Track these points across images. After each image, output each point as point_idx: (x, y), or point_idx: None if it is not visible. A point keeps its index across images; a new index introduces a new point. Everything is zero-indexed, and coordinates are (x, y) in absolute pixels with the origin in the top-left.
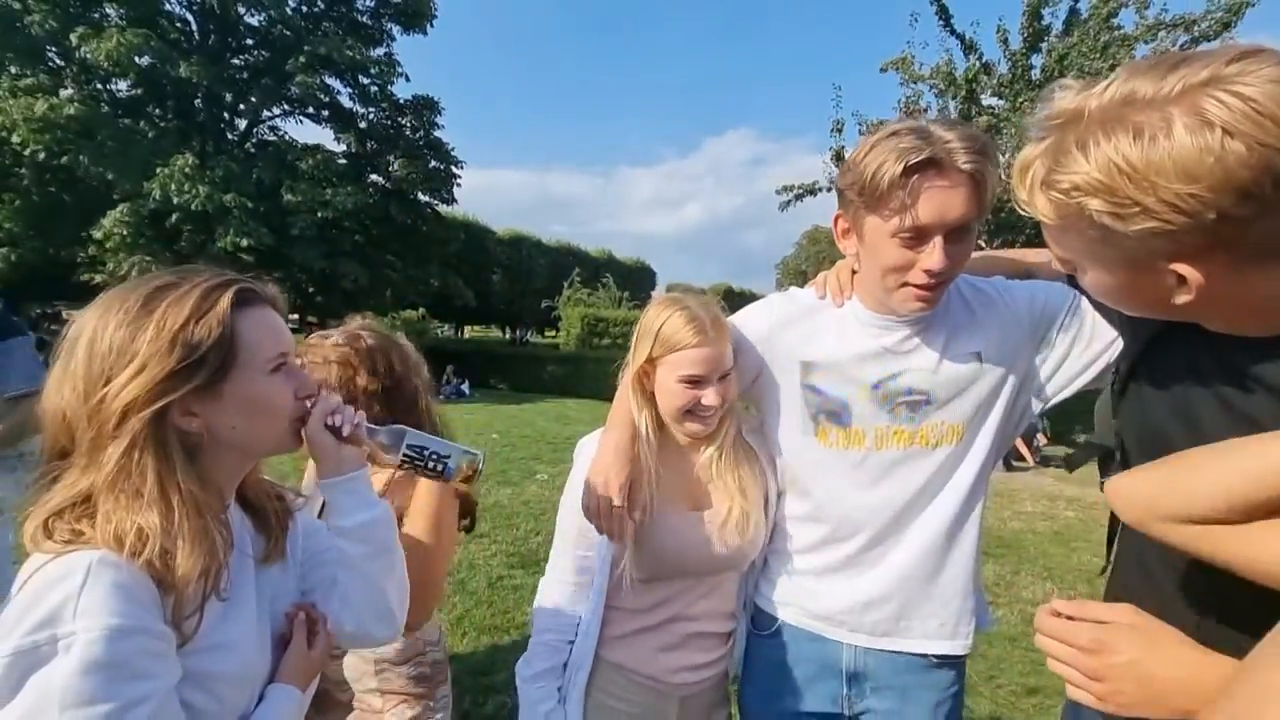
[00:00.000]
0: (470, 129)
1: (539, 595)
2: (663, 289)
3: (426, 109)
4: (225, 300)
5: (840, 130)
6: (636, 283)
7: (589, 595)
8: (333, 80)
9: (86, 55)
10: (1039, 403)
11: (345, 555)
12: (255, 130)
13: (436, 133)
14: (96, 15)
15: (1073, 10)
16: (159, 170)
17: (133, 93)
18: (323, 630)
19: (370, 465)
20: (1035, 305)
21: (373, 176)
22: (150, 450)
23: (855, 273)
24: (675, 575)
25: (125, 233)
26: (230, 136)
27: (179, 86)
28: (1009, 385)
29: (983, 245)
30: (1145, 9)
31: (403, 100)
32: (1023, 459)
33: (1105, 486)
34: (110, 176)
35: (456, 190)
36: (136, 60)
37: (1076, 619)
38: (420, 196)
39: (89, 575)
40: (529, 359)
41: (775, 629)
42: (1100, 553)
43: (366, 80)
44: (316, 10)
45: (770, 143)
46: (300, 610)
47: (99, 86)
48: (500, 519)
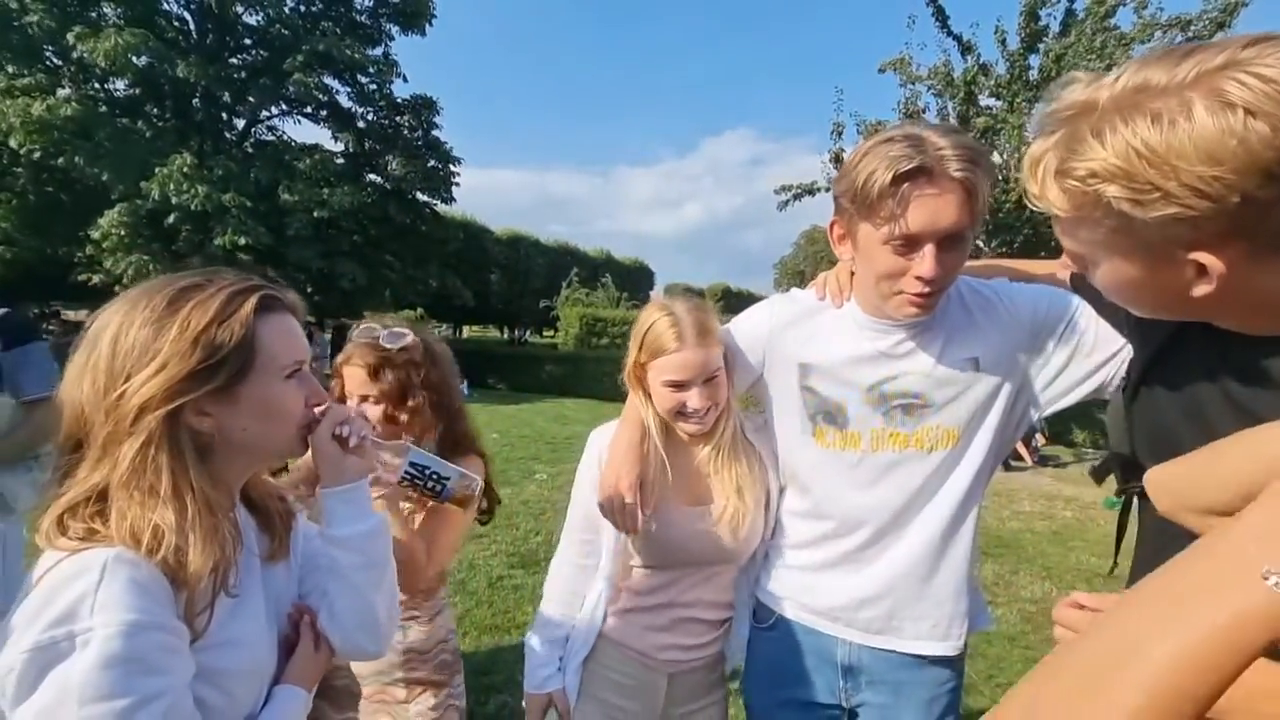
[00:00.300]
0: (468, 129)
1: (551, 571)
2: (661, 289)
3: (425, 109)
4: (249, 305)
5: (840, 133)
6: (635, 283)
7: (595, 577)
8: (331, 80)
9: (84, 55)
10: (1037, 410)
11: (336, 563)
12: (253, 130)
13: (435, 132)
14: (94, 15)
15: (1069, 11)
16: (157, 170)
17: (130, 92)
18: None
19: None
20: (1038, 311)
21: (371, 176)
22: (165, 448)
23: (854, 274)
24: (675, 565)
25: (123, 232)
26: (228, 136)
27: (177, 86)
28: (1006, 391)
29: (980, 246)
30: (1144, 8)
31: (401, 100)
32: (1021, 459)
33: (1144, 477)
34: (107, 176)
35: (455, 190)
36: (134, 60)
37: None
38: (418, 196)
39: (105, 572)
40: (527, 359)
41: (774, 622)
42: (1099, 552)
43: (365, 80)
44: (315, 10)
45: (769, 143)
46: (303, 613)
47: (96, 86)
48: (500, 519)
